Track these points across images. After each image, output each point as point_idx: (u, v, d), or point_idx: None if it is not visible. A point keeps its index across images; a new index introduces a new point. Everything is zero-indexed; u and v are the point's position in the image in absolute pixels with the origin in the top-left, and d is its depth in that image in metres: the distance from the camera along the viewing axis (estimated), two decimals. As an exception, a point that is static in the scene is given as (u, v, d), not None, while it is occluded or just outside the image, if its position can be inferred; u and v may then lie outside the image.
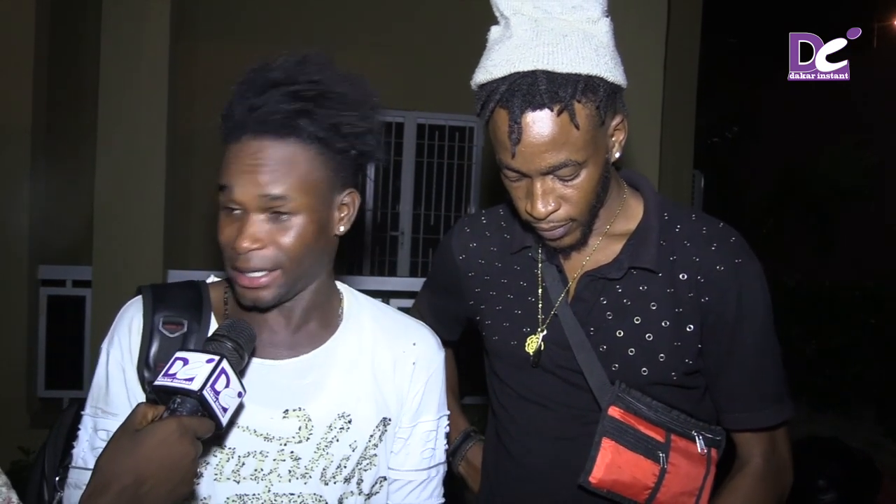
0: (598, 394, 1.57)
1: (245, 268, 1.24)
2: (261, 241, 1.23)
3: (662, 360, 1.54)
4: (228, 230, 1.25)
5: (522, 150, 1.39)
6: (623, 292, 1.57)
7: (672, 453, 1.57)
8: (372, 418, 1.39)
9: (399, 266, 7.23)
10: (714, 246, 1.54)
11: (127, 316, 1.35)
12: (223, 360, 1.10)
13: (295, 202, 1.23)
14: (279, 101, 1.23)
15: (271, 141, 1.23)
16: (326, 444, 1.35)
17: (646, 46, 4.23)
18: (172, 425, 1.03)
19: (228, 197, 1.24)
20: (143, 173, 4.23)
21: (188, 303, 1.36)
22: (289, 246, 1.25)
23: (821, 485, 4.42)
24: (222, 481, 1.30)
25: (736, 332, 1.54)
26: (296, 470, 1.33)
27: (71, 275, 4.92)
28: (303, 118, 1.24)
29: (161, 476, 1.01)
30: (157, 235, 4.25)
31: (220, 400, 1.08)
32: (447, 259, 1.80)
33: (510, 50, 1.39)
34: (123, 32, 4.18)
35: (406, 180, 7.16)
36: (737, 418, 1.60)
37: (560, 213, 1.46)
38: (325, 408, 1.35)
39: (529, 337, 1.63)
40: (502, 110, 1.40)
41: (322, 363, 1.38)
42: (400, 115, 6.95)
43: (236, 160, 1.24)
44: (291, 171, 1.23)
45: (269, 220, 1.24)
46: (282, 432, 1.33)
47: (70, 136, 5.35)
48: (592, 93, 1.38)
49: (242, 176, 1.22)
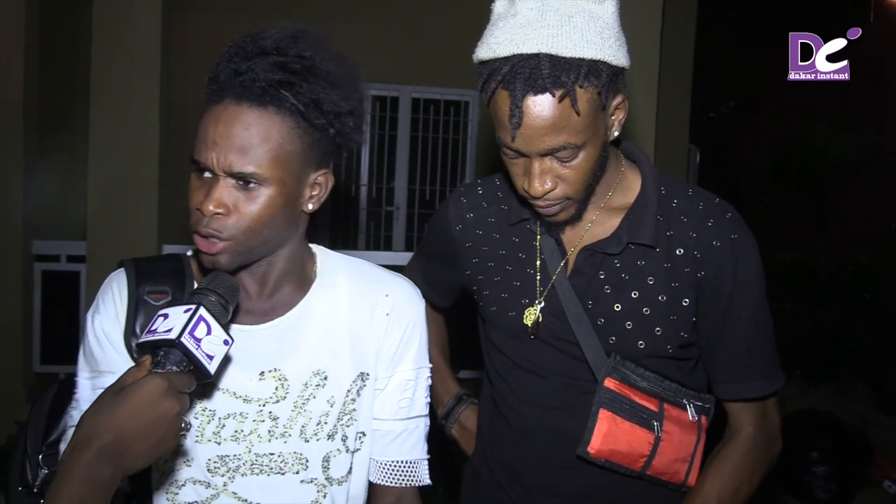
0: (595, 365, 1.59)
1: (204, 231, 1.24)
2: (225, 206, 1.22)
3: (659, 333, 1.57)
4: (198, 193, 1.25)
5: (522, 132, 1.39)
6: (621, 267, 1.59)
7: (666, 422, 1.61)
8: (348, 373, 1.40)
9: (394, 241, 7.23)
10: (711, 221, 1.56)
11: (111, 287, 1.36)
12: (200, 307, 1.11)
13: (265, 172, 1.23)
14: (265, 70, 1.22)
15: (250, 107, 1.22)
16: (303, 401, 1.36)
17: (642, 22, 4.20)
18: (153, 381, 1.03)
19: (201, 159, 1.23)
20: (136, 148, 4.21)
21: (170, 273, 1.37)
22: (251, 215, 1.24)
23: (814, 457, 4.47)
24: (203, 443, 1.33)
25: (731, 306, 1.56)
26: (275, 430, 1.35)
27: (65, 250, 4.91)
28: (286, 89, 1.23)
29: (142, 433, 1.01)
30: (152, 210, 4.24)
31: (202, 347, 1.09)
32: (443, 228, 1.80)
33: (514, 29, 1.37)
34: (115, 6, 4.15)
35: (401, 155, 7.15)
36: (730, 388, 1.64)
37: (556, 192, 1.47)
38: (300, 367, 1.37)
39: (528, 308, 1.65)
40: (504, 91, 1.39)
41: (296, 324, 1.39)
42: (395, 89, 6.93)
43: (213, 123, 1.23)
44: (266, 141, 1.22)
45: (237, 188, 1.23)
46: (259, 393, 1.35)
47: (63, 112, 5.32)
48: (595, 77, 1.37)
49: (217, 140, 1.22)
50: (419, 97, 7.06)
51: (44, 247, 4.90)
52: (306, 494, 1.36)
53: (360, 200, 7.21)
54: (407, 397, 1.48)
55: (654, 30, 4.26)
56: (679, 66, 6.03)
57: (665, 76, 4.51)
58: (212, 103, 1.25)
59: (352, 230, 7.16)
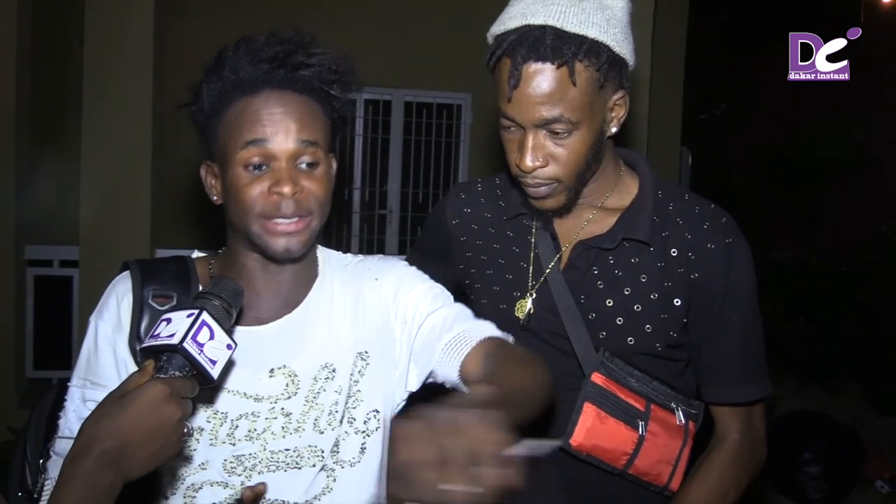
0: (583, 359, 1.61)
1: (289, 213, 1.28)
2: (299, 186, 1.28)
3: (649, 330, 1.59)
4: (257, 186, 1.28)
5: (519, 97, 1.44)
6: (615, 263, 1.61)
7: (651, 422, 1.62)
8: (349, 357, 1.41)
9: (387, 244, 7.23)
10: (706, 225, 1.58)
11: (116, 290, 1.36)
12: (203, 312, 1.11)
13: (318, 153, 1.31)
14: (298, 62, 1.31)
15: (293, 94, 1.31)
16: (314, 395, 1.37)
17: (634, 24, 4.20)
18: (155, 387, 1.03)
19: (260, 150, 1.28)
20: (129, 152, 4.21)
21: (175, 276, 1.38)
22: (319, 193, 1.31)
23: (807, 458, 4.48)
24: (218, 445, 1.32)
25: (722, 309, 1.58)
26: (288, 425, 1.35)
27: (58, 255, 4.91)
28: (316, 80, 1.33)
29: (144, 439, 1.02)
30: (145, 214, 4.24)
31: (205, 352, 1.09)
32: (440, 222, 1.83)
33: (527, 5, 1.45)
34: (108, 11, 4.14)
35: (394, 158, 7.15)
36: (717, 392, 1.65)
37: (547, 170, 1.50)
38: (308, 361, 1.38)
39: (519, 301, 1.67)
40: (507, 58, 1.45)
41: (303, 320, 1.41)
42: (387, 92, 6.93)
43: (265, 111, 1.29)
44: (316, 123, 1.32)
45: (299, 171, 1.30)
46: (270, 391, 1.35)
47: (56, 116, 5.31)
48: (595, 56, 1.43)
49: (276, 125, 1.28)
50: (412, 100, 7.06)
51: (36, 252, 4.89)
52: (318, 483, 1.35)
53: (352, 204, 7.21)
54: (430, 297, 1.45)
55: (646, 32, 4.27)
56: (671, 69, 6.05)
57: (657, 78, 4.53)
58: (242, 96, 1.30)
59: (345, 234, 7.16)
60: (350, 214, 7.22)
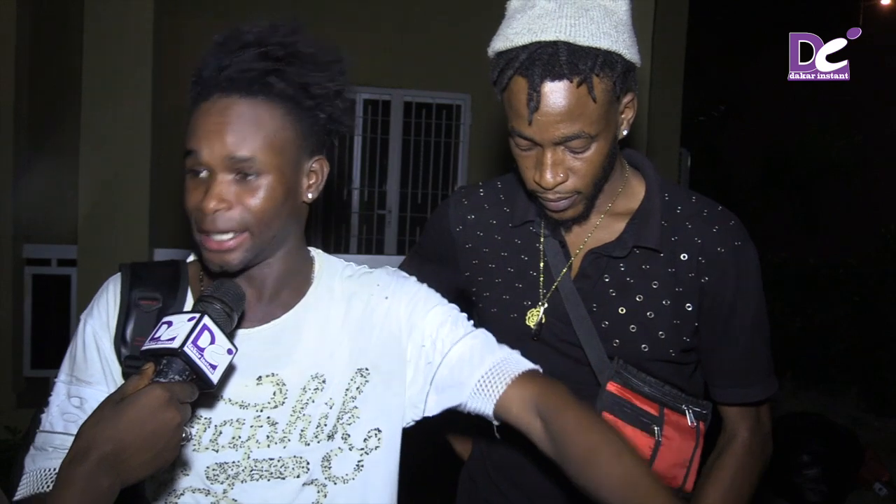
0: (597, 368, 1.60)
1: (212, 229, 1.22)
2: (227, 201, 1.21)
3: (662, 337, 1.58)
4: (195, 194, 1.23)
5: (539, 118, 1.41)
6: (626, 270, 1.60)
7: (665, 427, 1.62)
8: (346, 372, 1.37)
9: (386, 244, 7.23)
10: (716, 228, 1.58)
11: (106, 291, 1.35)
12: (204, 316, 1.09)
13: (262, 162, 1.22)
14: (250, 60, 1.22)
15: (239, 98, 1.22)
16: (302, 406, 1.34)
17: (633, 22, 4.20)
18: (154, 391, 1.02)
19: (195, 160, 1.22)
20: (127, 152, 4.20)
21: (164, 278, 1.36)
22: (256, 207, 1.22)
23: (805, 460, 4.48)
24: (201, 451, 1.30)
25: (732, 311, 1.58)
26: (273, 435, 1.32)
27: (56, 254, 4.90)
28: (272, 76, 1.22)
29: (142, 444, 1.01)
30: (143, 213, 4.23)
31: (205, 356, 1.07)
32: (443, 229, 1.80)
33: (532, 19, 1.41)
34: (107, 10, 4.14)
35: (393, 159, 7.14)
36: (728, 393, 1.66)
37: (567, 184, 1.48)
38: (297, 371, 1.35)
39: (530, 310, 1.65)
40: (521, 78, 1.41)
41: (293, 327, 1.37)
42: (387, 93, 6.93)
43: (204, 120, 1.22)
44: (259, 130, 1.22)
45: (235, 182, 1.22)
46: (257, 399, 1.32)
47: (54, 115, 5.30)
48: (610, 68, 1.41)
49: (209, 135, 1.21)
50: (411, 101, 7.05)
51: (34, 251, 4.89)
52: (306, 496, 1.33)
53: (351, 204, 7.21)
54: (449, 322, 1.42)
55: (646, 32, 4.28)
56: (671, 69, 6.05)
57: (656, 80, 4.53)
58: (199, 101, 1.25)
59: (344, 234, 7.16)
60: (349, 214, 7.21)
